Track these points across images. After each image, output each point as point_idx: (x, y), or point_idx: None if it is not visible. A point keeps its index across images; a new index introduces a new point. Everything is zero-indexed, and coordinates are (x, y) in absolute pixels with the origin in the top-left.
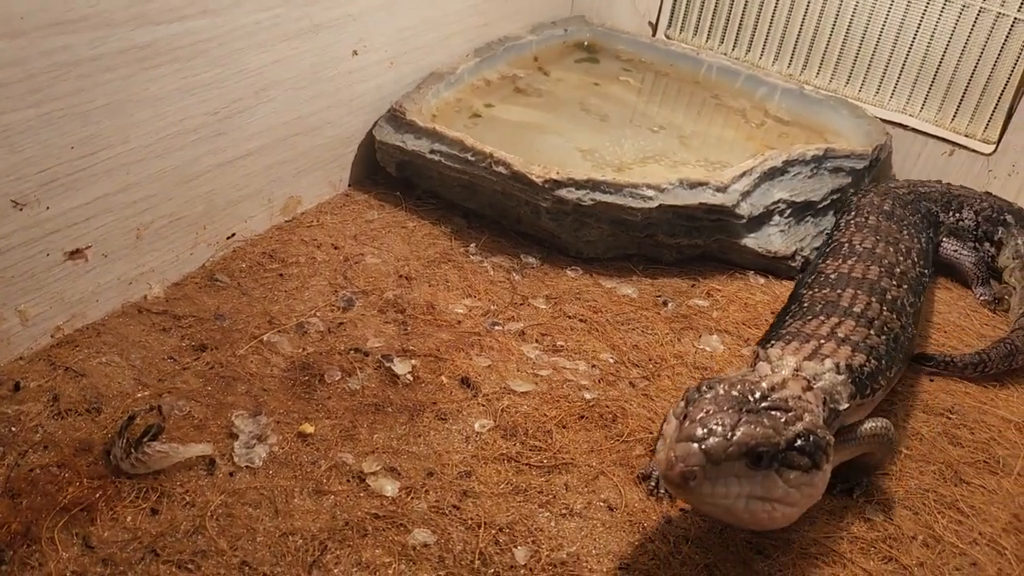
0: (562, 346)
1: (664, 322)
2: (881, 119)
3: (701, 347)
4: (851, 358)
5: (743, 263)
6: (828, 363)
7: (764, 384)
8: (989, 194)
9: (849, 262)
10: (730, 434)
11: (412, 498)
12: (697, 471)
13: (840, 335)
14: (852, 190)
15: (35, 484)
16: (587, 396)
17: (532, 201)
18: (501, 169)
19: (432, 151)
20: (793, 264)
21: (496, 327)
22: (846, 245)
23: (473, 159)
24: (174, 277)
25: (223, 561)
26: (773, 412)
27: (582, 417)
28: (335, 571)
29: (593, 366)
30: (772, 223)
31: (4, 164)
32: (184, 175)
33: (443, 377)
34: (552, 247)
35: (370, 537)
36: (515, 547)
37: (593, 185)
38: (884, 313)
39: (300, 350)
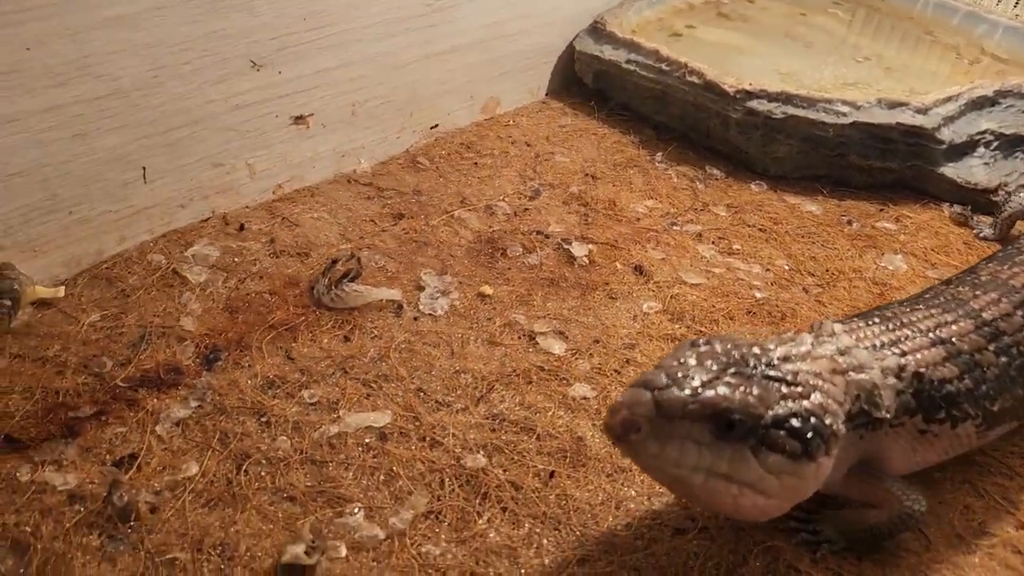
0: (738, 250)
1: (846, 239)
2: None
3: (883, 265)
4: (933, 369)
5: (939, 193)
6: (890, 360)
7: (777, 352)
8: None
9: (1014, 269)
10: (699, 389)
11: (577, 358)
12: (642, 422)
13: (942, 335)
14: None
15: (250, 305)
16: (757, 295)
17: (722, 112)
18: (694, 79)
19: (628, 61)
20: (995, 199)
21: (674, 227)
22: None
23: (667, 68)
24: (380, 156)
25: (402, 385)
26: (772, 383)
27: (750, 312)
28: (500, 407)
29: (767, 270)
30: (975, 154)
31: (245, 26)
32: (395, 61)
33: (617, 263)
34: (738, 162)
35: (534, 385)
36: None
37: (786, 98)
38: (1022, 332)
39: (487, 227)
